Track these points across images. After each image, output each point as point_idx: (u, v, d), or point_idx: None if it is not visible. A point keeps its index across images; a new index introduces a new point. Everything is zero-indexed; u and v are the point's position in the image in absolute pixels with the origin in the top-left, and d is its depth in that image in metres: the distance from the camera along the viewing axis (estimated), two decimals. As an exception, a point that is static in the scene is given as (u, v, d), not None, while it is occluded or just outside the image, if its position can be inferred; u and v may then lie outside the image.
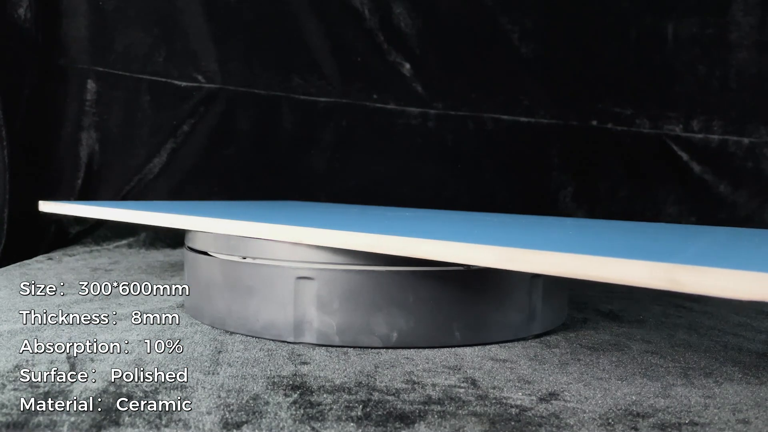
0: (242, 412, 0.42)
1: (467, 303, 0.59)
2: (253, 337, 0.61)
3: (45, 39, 1.26)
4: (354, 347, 0.58)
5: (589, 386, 0.49)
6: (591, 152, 1.53)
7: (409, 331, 0.58)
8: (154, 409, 0.42)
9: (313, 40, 1.39)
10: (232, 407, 0.43)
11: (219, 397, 0.44)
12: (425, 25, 1.44)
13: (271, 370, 0.51)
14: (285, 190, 1.38)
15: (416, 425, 0.41)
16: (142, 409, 0.42)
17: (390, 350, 0.58)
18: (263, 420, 0.41)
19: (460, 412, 0.43)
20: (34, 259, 1.13)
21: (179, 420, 0.40)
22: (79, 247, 1.24)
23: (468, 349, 0.59)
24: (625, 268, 0.36)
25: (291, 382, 0.48)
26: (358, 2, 1.40)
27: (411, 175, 1.46)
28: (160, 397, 0.44)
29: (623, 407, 0.45)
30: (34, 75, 1.25)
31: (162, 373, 0.49)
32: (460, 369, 0.53)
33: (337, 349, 0.58)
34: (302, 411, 0.42)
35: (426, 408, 0.44)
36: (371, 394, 0.46)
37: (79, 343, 0.57)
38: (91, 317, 0.68)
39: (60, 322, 0.65)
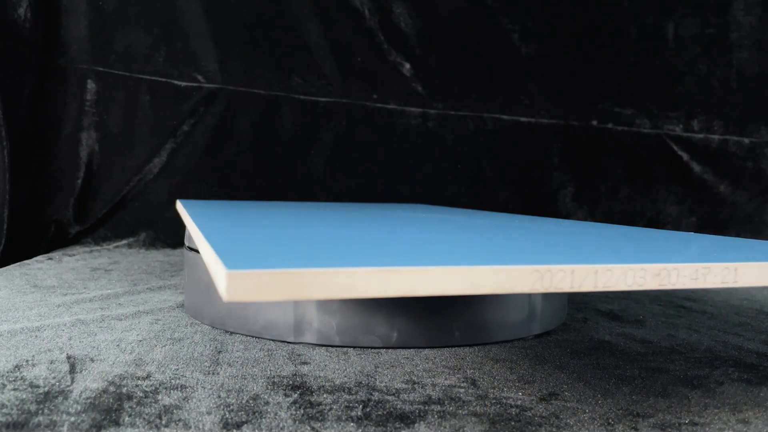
0: (242, 412, 0.42)
1: (467, 303, 0.59)
2: (253, 337, 0.61)
3: (45, 39, 1.27)
4: (354, 347, 0.58)
5: (589, 386, 0.49)
6: (591, 152, 1.53)
7: (409, 331, 0.58)
8: (154, 409, 0.42)
9: (313, 40, 1.39)
10: (232, 407, 0.42)
11: (219, 397, 0.44)
12: (425, 25, 1.44)
13: (271, 370, 0.51)
14: (285, 190, 1.38)
15: (416, 425, 0.40)
16: (142, 409, 0.42)
17: (390, 350, 0.58)
18: (263, 420, 0.41)
19: (460, 412, 0.43)
20: (34, 259, 1.13)
21: (179, 420, 0.40)
22: (79, 247, 1.24)
23: (468, 349, 0.59)
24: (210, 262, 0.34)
25: (291, 382, 0.48)
26: (358, 2, 1.40)
27: (411, 175, 1.46)
28: (160, 397, 0.44)
29: (623, 407, 0.45)
30: (34, 75, 1.25)
31: (162, 373, 0.49)
32: (460, 369, 0.53)
33: (337, 349, 0.58)
34: (302, 411, 0.42)
35: (426, 408, 0.44)
36: (371, 394, 0.46)
37: (79, 343, 0.57)
38: (91, 317, 0.68)
39: (60, 322, 0.65)
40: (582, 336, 0.66)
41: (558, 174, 1.52)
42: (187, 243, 0.73)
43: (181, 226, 0.69)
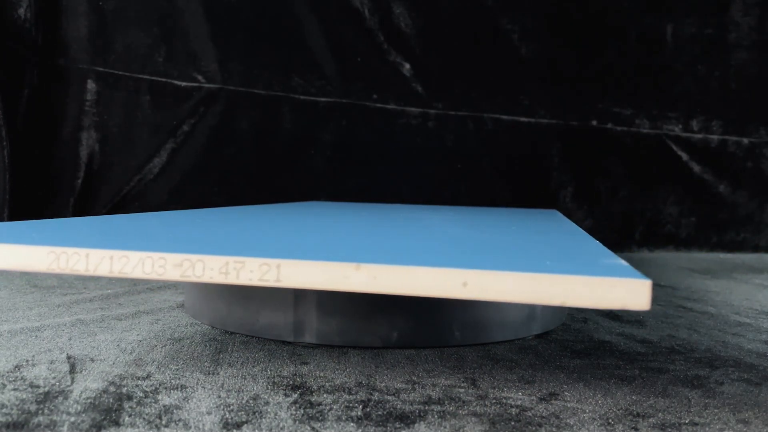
0: (242, 412, 0.42)
1: (467, 303, 0.59)
2: (253, 337, 0.61)
3: (45, 39, 1.26)
4: (354, 347, 0.58)
5: (589, 386, 0.49)
6: (591, 152, 1.53)
7: (409, 331, 0.58)
8: (154, 409, 0.42)
9: (313, 40, 1.39)
10: (232, 407, 0.42)
11: (219, 397, 0.44)
12: (425, 25, 1.44)
13: (271, 370, 0.51)
14: (285, 190, 1.38)
15: (416, 425, 0.40)
16: (142, 409, 0.42)
17: (390, 350, 0.58)
18: (263, 420, 0.41)
19: (460, 412, 0.43)
20: (34, 259, 1.12)
21: (179, 420, 0.40)
22: (79, 247, 1.24)
23: (468, 349, 0.59)
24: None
25: (291, 382, 0.48)
26: (358, 2, 1.40)
27: (411, 175, 1.46)
28: (160, 397, 0.44)
29: (623, 407, 0.45)
30: (34, 75, 1.25)
31: (162, 373, 0.49)
32: (460, 369, 0.53)
33: (337, 349, 0.58)
34: (302, 411, 0.42)
35: (426, 408, 0.44)
36: (371, 394, 0.46)
37: (79, 343, 0.57)
38: (91, 317, 0.68)
39: (60, 322, 0.65)
40: (582, 336, 0.66)
41: (558, 174, 1.52)
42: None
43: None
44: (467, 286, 0.30)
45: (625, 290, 0.28)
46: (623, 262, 0.36)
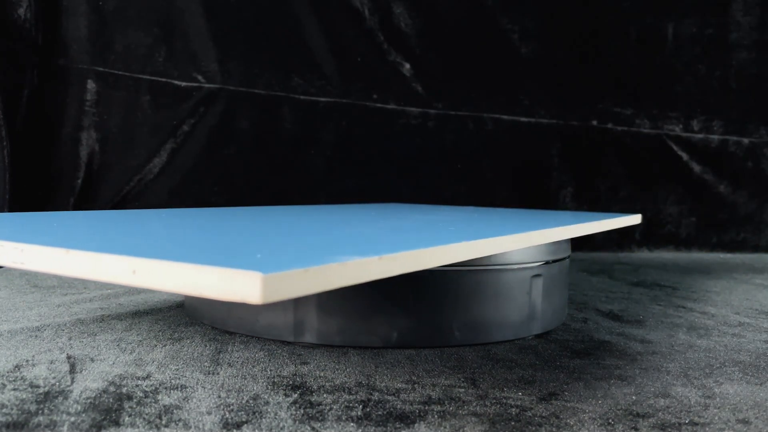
0: (242, 412, 0.42)
1: (467, 303, 0.59)
2: (253, 337, 0.61)
3: (45, 39, 1.26)
4: (354, 347, 0.58)
5: (589, 386, 0.49)
6: (591, 152, 1.53)
7: (409, 331, 0.58)
8: (154, 409, 0.42)
9: (313, 40, 1.39)
10: (232, 407, 0.42)
11: (219, 397, 0.44)
12: (425, 25, 1.44)
13: (271, 370, 0.51)
14: (285, 190, 1.38)
15: (416, 425, 0.40)
16: (142, 409, 0.42)
17: (390, 350, 0.58)
18: (263, 420, 0.41)
19: (460, 412, 0.43)
20: (34, 259, 1.12)
21: (179, 420, 0.40)
22: (79, 247, 1.24)
23: (468, 349, 0.59)
24: None
25: (291, 382, 0.48)
26: (358, 2, 1.40)
27: (411, 175, 1.46)
28: (160, 397, 0.44)
29: (623, 407, 0.45)
30: (34, 75, 1.25)
31: (162, 373, 0.49)
32: (460, 369, 0.53)
33: (337, 349, 0.58)
34: (302, 411, 0.42)
35: (426, 408, 0.44)
36: (371, 394, 0.46)
37: (79, 343, 0.57)
38: (91, 317, 0.68)
39: (60, 322, 0.65)
40: (582, 336, 0.66)
41: (558, 174, 1.52)
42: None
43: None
44: (136, 273, 0.31)
45: (242, 282, 0.27)
46: (335, 258, 0.32)
